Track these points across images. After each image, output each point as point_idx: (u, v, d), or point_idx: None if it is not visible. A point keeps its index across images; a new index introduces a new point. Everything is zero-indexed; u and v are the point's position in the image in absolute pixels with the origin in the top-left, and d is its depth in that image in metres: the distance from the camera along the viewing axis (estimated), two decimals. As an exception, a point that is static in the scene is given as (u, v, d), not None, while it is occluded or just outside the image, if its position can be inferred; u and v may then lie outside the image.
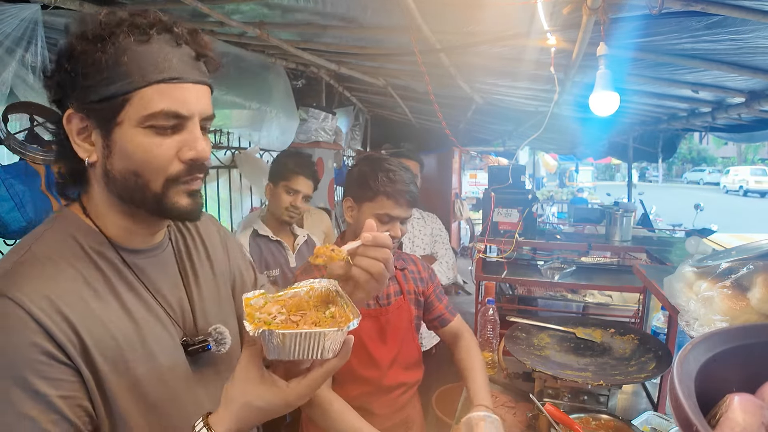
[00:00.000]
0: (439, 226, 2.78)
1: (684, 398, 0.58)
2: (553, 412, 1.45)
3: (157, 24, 0.72)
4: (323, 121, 3.58)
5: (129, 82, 0.70)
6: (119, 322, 0.76)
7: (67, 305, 0.71)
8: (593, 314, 2.86)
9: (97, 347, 0.72)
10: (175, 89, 0.72)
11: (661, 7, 1.06)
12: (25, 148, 1.61)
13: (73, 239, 0.77)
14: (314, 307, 0.79)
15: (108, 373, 0.73)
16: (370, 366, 1.52)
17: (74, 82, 0.71)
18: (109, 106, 0.71)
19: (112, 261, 0.79)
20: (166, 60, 0.72)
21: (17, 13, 1.38)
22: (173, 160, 0.75)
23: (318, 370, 0.70)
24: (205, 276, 0.95)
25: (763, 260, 0.99)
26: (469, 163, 8.82)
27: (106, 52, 0.69)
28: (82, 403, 0.71)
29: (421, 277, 1.73)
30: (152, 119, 0.71)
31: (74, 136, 0.75)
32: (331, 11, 1.79)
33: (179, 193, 0.77)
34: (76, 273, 0.74)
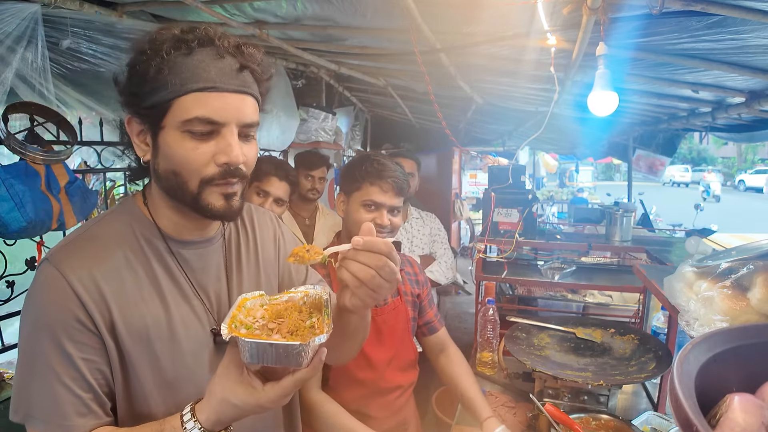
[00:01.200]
0: (438, 226, 2.78)
1: (684, 398, 0.58)
2: (553, 412, 1.45)
3: (201, 39, 0.79)
4: (323, 121, 3.58)
5: (170, 91, 0.77)
6: (150, 302, 0.85)
7: (105, 282, 0.81)
8: (593, 314, 2.86)
9: (124, 322, 0.82)
10: (210, 97, 0.78)
11: (662, 7, 1.06)
12: (25, 148, 1.61)
13: (128, 225, 0.88)
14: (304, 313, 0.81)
15: (130, 346, 0.83)
16: (366, 368, 1.51)
17: (129, 90, 0.81)
18: (155, 112, 0.79)
19: (157, 249, 0.88)
20: (204, 71, 0.78)
21: (18, 12, 1.38)
22: (209, 163, 0.81)
23: (288, 379, 0.75)
24: (249, 270, 1.01)
25: (763, 260, 0.99)
26: (469, 163, 8.81)
27: (152, 63, 0.77)
28: (101, 368, 0.81)
29: (418, 279, 1.72)
30: (189, 125, 0.78)
31: (134, 137, 0.85)
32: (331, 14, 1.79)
33: (214, 194, 0.83)
34: (122, 255, 0.85)
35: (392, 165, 1.49)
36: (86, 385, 0.80)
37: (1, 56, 1.44)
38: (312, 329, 0.77)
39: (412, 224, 2.70)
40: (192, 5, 1.61)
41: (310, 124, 3.51)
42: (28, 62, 1.49)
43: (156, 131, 0.81)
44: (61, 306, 0.79)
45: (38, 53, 1.49)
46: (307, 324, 0.78)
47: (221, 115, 0.79)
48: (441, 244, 2.72)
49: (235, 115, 0.80)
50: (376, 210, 1.46)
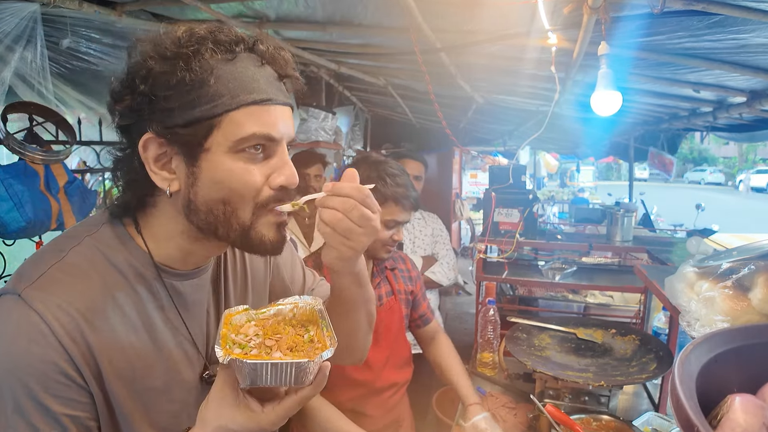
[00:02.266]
0: (439, 227, 2.78)
1: (685, 399, 0.58)
2: (553, 413, 1.45)
3: (241, 41, 0.69)
4: (323, 121, 3.57)
5: (218, 105, 0.65)
6: (141, 348, 0.74)
7: (90, 327, 0.68)
8: (594, 315, 2.86)
9: (112, 371, 0.71)
10: (264, 111, 0.68)
11: (663, 7, 1.06)
12: (24, 148, 1.61)
13: (114, 254, 0.73)
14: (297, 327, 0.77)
15: (119, 396, 0.72)
16: (363, 369, 1.52)
17: (153, 105, 0.65)
18: (196, 130, 0.66)
19: (150, 284, 0.75)
20: (254, 80, 0.68)
21: (17, 11, 1.37)
22: (263, 188, 0.70)
23: (291, 398, 0.68)
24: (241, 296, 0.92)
25: (764, 260, 0.99)
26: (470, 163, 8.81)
27: (191, 70, 0.64)
28: (88, 423, 0.70)
29: (411, 275, 1.75)
30: (244, 143, 0.67)
31: (151, 164, 0.68)
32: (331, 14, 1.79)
33: (268, 224, 0.73)
34: (108, 291, 0.71)
35: (407, 179, 1.52)
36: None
37: (1, 56, 1.44)
38: (312, 344, 0.72)
39: (414, 225, 2.70)
40: (191, 4, 1.61)
41: (310, 123, 3.51)
42: (27, 62, 1.49)
43: (195, 154, 0.67)
44: (41, 358, 0.64)
45: (37, 53, 1.49)
46: (306, 339, 0.73)
47: (277, 130, 0.69)
48: (443, 244, 2.71)
49: (287, 130, 0.71)
50: (394, 227, 1.50)
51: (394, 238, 1.51)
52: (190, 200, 0.70)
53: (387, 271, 1.66)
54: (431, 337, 1.80)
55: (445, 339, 1.81)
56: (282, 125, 0.70)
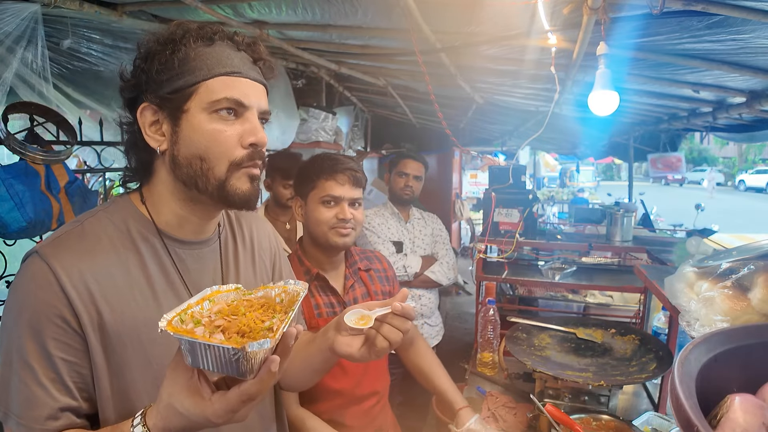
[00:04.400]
0: (439, 227, 2.78)
1: (685, 398, 0.58)
2: (553, 413, 1.45)
3: (219, 32, 0.83)
4: (323, 121, 3.58)
5: (196, 75, 0.79)
6: (143, 303, 0.82)
7: (95, 279, 0.78)
8: (594, 314, 2.86)
9: (114, 323, 0.79)
10: (236, 81, 0.81)
11: (662, 7, 1.06)
12: (25, 148, 1.60)
13: (123, 222, 0.85)
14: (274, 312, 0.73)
15: (121, 348, 0.79)
16: (341, 377, 1.45)
17: (149, 79, 0.80)
18: (179, 96, 0.80)
19: (153, 246, 0.86)
20: (229, 58, 0.82)
21: (18, 12, 1.37)
22: (236, 146, 0.82)
23: (234, 391, 0.67)
24: (246, 275, 1.00)
25: (763, 260, 0.99)
26: (470, 163, 8.81)
27: (177, 52, 0.79)
28: (82, 370, 0.78)
29: (387, 275, 1.68)
30: (216, 105, 0.80)
31: (146, 128, 0.82)
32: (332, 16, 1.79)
33: (241, 177, 0.83)
34: (115, 252, 0.82)
35: (345, 158, 1.47)
36: (64, 388, 0.76)
37: (1, 56, 1.44)
38: (268, 332, 0.67)
39: (413, 225, 2.70)
40: (192, 5, 1.61)
41: (311, 124, 3.51)
42: (28, 62, 1.49)
43: (177, 116, 0.80)
44: (46, 302, 0.75)
45: (38, 53, 1.49)
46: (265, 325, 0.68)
47: (248, 98, 0.82)
48: (443, 244, 2.71)
49: (258, 101, 0.84)
50: (336, 205, 1.43)
51: (338, 217, 1.42)
52: (174, 156, 0.82)
53: (361, 272, 1.59)
54: (409, 342, 1.70)
55: (423, 343, 1.72)
56: (253, 96, 0.83)
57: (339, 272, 1.54)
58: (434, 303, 2.69)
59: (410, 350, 1.72)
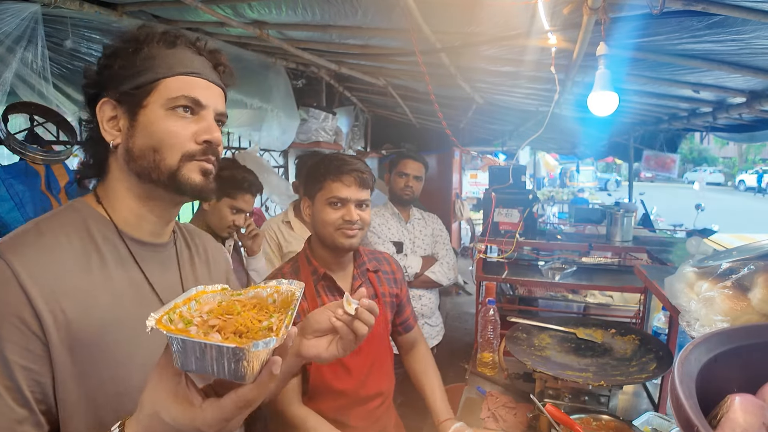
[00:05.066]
0: (440, 227, 2.78)
1: (685, 398, 0.58)
2: (553, 413, 1.45)
3: (182, 37, 0.87)
4: (323, 121, 3.58)
5: (157, 73, 0.82)
6: (107, 304, 0.79)
7: (56, 276, 0.75)
8: (594, 315, 2.86)
9: (79, 324, 0.75)
10: (195, 81, 0.85)
11: (662, 7, 1.06)
12: (25, 148, 1.61)
13: (81, 222, 0.83)
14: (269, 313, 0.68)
15: (86, 351, 0.75)
16: (345, 377, 1.44)
17: (111, 75, 0.82)
18: (139, 92, 0.82)
19: (115, 245, 0.84)
20: (189, 60, 0.85)
21: (18, 12, 1.37)
22: (190, 141, 0.84)
23: (229, 397, 0.61)
24: (204, 279, 1.00)
25: (763, 260, 0.99)
26: (470, 163, 8.81)
27: (140, 51, 0.82)
28: (41, 379, 0.72)
29: (395, 278, 1.66)
30: (174, 102, 0.82)
31: (104, 123, 0.84)
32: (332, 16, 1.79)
33: (193, 169, 0.85)
34: (75, 251, 0.79)
35: (352, 159, 1.46)
36: (22, 399, 0.70)
37: (1, 56, 1.44)
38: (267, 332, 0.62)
39: (414, 225, 2.70)
40: (192, 5, 1.61)
41: (311, 124, 3.51)
42: (28, 62, 1.49)
43: (136, 111, 0.82)
44: (3, 301, 0.70)
45: (38, 53, 1.48)
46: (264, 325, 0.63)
47: (205, 98, 0.85)
48: (443, 245, 2.71)
49: (214, 102, 0.87)
50: (342, 206, 1.42)
51: (345, 218, 1.41)
52: (129, 148, 0.83)
53: (369, 273, 1.58)
54: (411, 346, 1.73)
55: (424, 349, 1.74)
56: (210, 96, 0.86)
57: (347, 272, 1.54)
58: (434, 303, 2.69)
59: (410, 353, 1.73)
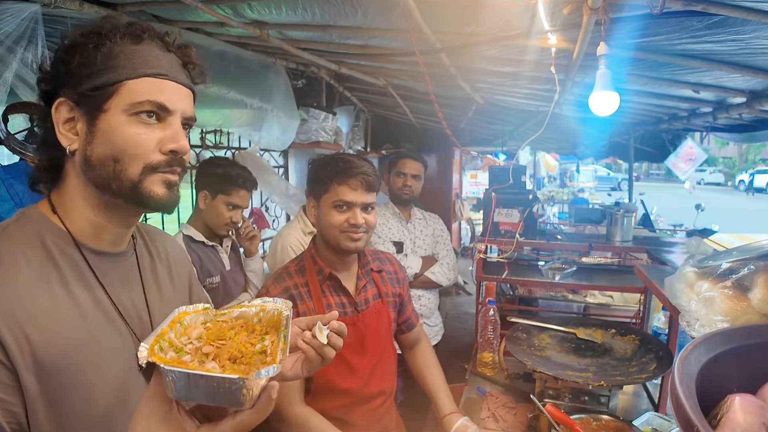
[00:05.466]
0: (441, 227, 2.78)
1: (685, 398, 0.58)
2: (553, 413, 1.45)
3: (149, 31, 0.79)
4: (323, 121, 3.58)
5: (119, 73, 0.75)
6: (72, 324, 0.74)
7: (18, 303, 0.70)
8: (594, 315, 2.86)
9: (46, 348, 0.71)
10: (162, 84, 0.77)
11: (662, 7, 1.06)
12: (25, 148, 1.60)
13: (36, 236, 0.76)
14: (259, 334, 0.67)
15: (56, 376, 0.71)
16: (349, 376, 1.46)
17: (69, 73, 0.75)
18: (99, 94, 0.74)
19: (73, 260, 0.78)
20: (156, 59, 0.78)
21: (18, 12, 1.37)
22: (154, 150, 0.77)
23: (228, 423, 0.61)
24: (167, 290, 0.94)
25: (764, 260, 0.99)
26: (470, 164, 8.81)
27: (101, 47, 0.74)
28: (14, 408, 0.69)
29: (398, 277, 1.68)
30: (138, 107, 0.75)
31: (60, 125, 0.76)
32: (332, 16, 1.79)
33: (156, 181, 0.78)
34: (34, 270, 0.73)
35: (359, 161, 1.44)
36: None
37: (1, 56, 1.44)
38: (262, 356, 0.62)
39: (415, 225, 2.70)
40: (192, 5, 1.61)
41: (311, 124, 3.51)
42: (28, 62, 1.49)
43: (95, 115, 0.75)
44: None
45: (38, 53, 1.48)
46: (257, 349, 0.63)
47: (172, 102, 0.78)
48: (443, 245, 2.71)
49: (182, 106, 0.80)
50: (348, 210, 1.42)
51: (350, 222, 1.41)
52: (86, 156, 0.76)
53: (373, 273, 1.59)
54: (413, 344, 1.74)
55: (426, 345, 1.76)
56: (177, 100, 0.79)
57: (351, 272, 1.54)
58: (434, 303, 2.69)
59: (413, 350, 1.74)
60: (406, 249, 2.61)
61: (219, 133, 2.95)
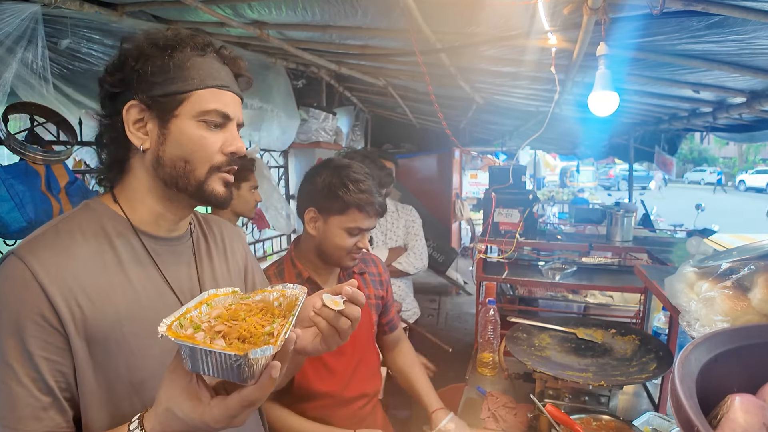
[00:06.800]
0: (412, 218, 2.82)
1: (685, 399, 0.58)
2: (553, 413, 1.45)
3: (210, 45, 0.89)
4: (324, 121, 3.58)
5: (189, 83, 0.84)
6: (122, 295, 0.83)
7: (73, 274, 0.78)
8: (594, 315, 2.86)
9: (96, 316, 0.79)
10: (223, 95, 0.87)
11: (662, 7, 1.06)
12: (25, 148, 1.61)
13: (97, 221, 0.86)
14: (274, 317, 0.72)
15: (104, 342, 0.80)
16: (328, 378, 1.45)
17: (141, 78, 0.83)
18: (170, 100, 0.84)
19: (129, 241, 0.87)
20: (217, 71, 0.88)
21: (18, 12, 1.37)
22: (218, 152, 0.88)
23: (234, 397, 0.67)
24: (221, 270, 1.03)
25: (764, 260, 0.99)
26: (470, 164, 8.80)
27: (173, 57, 0.84)
28: (63, 369, 0.77)
29: (382, 279, 1.67)
30: (205, 115, 0.85)
31: (130, 126, 0.84)
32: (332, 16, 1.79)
33: (217, 180, 0.89)
34: (90, 247, 0.82)
35: (373, 185, 1.44)
36: (46, 388, 0.75)
37: (1, 56, 1.44)
38: (269, 337, 0.67)
39: (386, 218, 2.72)
40: (192, 5, 1.61)
41: (311, 124, 3.51)
42: (28, 62, 1.49)
43: (167, 119, 0.84)
44: (25, 300, 0.75)
45: (38, 53, 1.48)
46: (266, 330, 0.68)
47: (232, 111, 0.89)
48: (414, 234, 2.76)
49: (238, 113, 0.91)
50: (359, 234, 1.43)
51: (358, 245, 1.44)
52: (159, 156, 0.85)
53: (355, 275, 1.59)
54: (394, 344, 1.75)
55: (408, 346, 1.77)
56: (234, 108, 0.90)
57: (333, 275, 1.55)
58: (405, 291, 2.79)
59: (394, 352, 1.74)
60: (377, 241, 2.69)
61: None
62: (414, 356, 1.75)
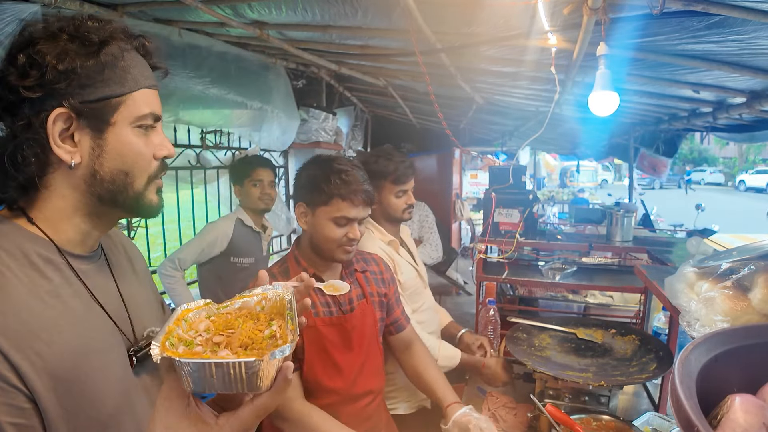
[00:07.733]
0: (425, 213, 2.86)
1: (685, 399, 0.58)
2: (554, 413, 1.45)
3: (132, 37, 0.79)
4: (324, 122, 3.58)
5: (125, 85, 0.75)
6: (73, 332, 0.73)
7: (19, 321, 0.67)
8: (594, 315, 2.86)
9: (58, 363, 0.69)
10: (153, 94, 0.80)
11: (662, 7, 1.06)
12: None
13: (17, 246, 0.72)
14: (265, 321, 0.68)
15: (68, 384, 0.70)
16: (336, 376, 1.46)
17: (68, 82, 0.70)
18: (105, 106, 0.73)
19: (59, 268, 0.75)
20: (146, 68, 0.79)
21: (18, 12, 1.37)
22: (152, 159, 0.80)
23: (247, 408, 0.61)
24: (131, 280, 0.93)
25: (764, 260, 0.99)
26: (470, 164, 8.80)
27: (105, 55, 0.73)
28: None
29: (383, 278, 1.67)
30: (141, 120, 0.77)
31: (55, 137, 0.71)
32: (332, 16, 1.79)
33: (152, 190, 0.82)
34: (21, 281, 0.70)
35: (359, 174, 1.44)
36: None
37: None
38: (273, 340, 0.62)
39: None
40: (192, 5, 1.61)
41: (311, 124, 3.51)
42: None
43: (102, 128, 0.73)
44: None
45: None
46: (266, 334, 0.64)
47: (160, 110, 0.81)
48: (428, 228, 2.80)
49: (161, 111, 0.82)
50: (347, 225, 1.43)
51: (349, 236, 1.43)
52: (94, 171, 0.75)
53: (357, 273, 1.60)
54: (406, 346, 1.71)
55: (422, 348, 1.73)
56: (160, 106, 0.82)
57: (335, 273, 1.55)
58: None
59: (407, 354, 1.72)
60: None
61: (219, 134, 2.95)
62: (430, 358, 1.72)
